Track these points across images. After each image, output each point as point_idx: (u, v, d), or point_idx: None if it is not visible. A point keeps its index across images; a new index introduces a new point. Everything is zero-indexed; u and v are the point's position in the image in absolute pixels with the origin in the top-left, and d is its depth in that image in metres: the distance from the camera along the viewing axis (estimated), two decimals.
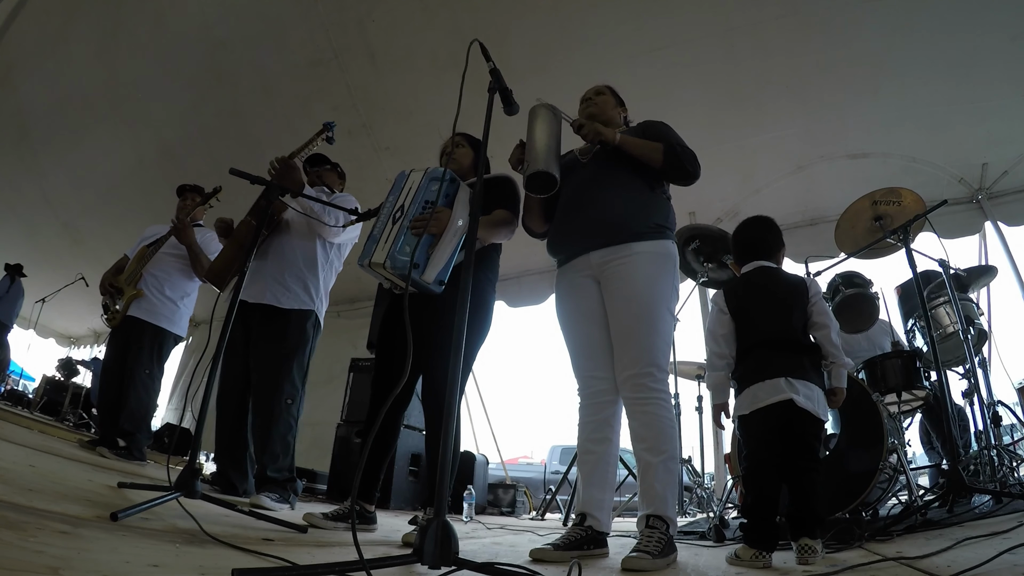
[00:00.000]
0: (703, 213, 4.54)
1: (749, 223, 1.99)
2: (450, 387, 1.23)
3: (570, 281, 1.96)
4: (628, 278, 1.80)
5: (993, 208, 3.99)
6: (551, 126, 1.86)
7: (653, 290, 1.79)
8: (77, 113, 5.08)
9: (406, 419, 3.73)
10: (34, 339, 8.42)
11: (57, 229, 6.42)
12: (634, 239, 1.82)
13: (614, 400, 1.86)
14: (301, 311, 2.61)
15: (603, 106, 2.10)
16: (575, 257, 1.95)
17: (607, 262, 1.85)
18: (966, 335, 2.75)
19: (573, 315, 1.96)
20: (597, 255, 1.87)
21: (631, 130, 2.04)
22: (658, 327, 1.77)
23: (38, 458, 2.07)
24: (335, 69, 4.25)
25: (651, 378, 1.73)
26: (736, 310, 1.82)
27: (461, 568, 1.07)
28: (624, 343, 1.79)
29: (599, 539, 1.74)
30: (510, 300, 5.58)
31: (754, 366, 1.72)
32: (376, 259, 1.87)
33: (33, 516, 1.08)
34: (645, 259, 1.81)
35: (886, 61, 3.53)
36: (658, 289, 1.80)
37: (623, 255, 1.82)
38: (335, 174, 2.99)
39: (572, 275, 1.96)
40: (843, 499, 2.16)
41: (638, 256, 1.81)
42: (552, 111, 1.89)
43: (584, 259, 1.91)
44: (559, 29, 3.76)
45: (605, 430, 1.85)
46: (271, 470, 2.41)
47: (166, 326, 3.31)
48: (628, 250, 1.82)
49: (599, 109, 2.08)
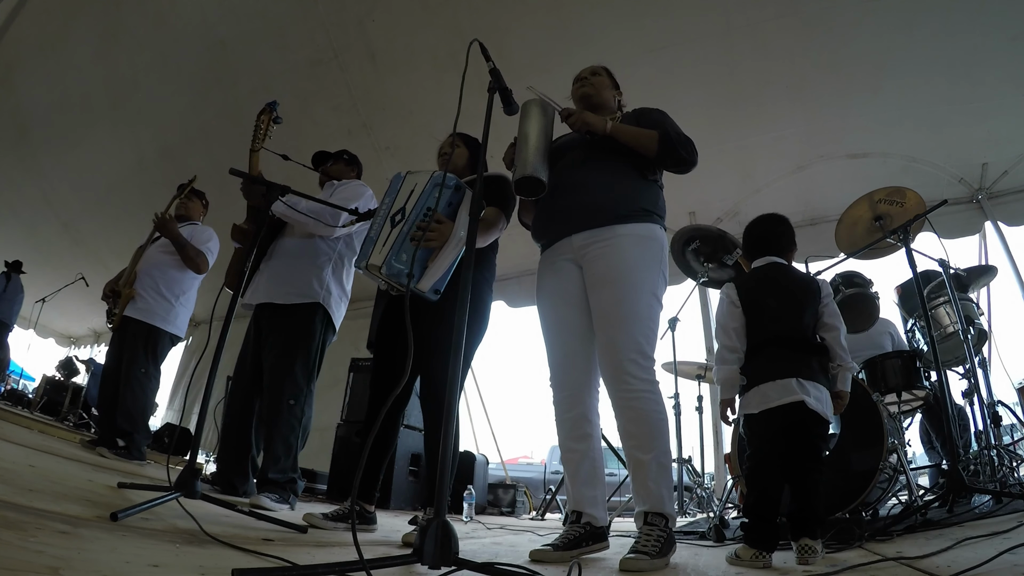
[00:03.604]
0: (703, 213, 4.54)
1: (764, 218, 1.95)
2: (450, 387, 1.23)
3: (551, 264, 1.90)
4: (609, 260, 1.73)
5: (993, 208, 3.99)
6: (541, 124, 1.81)
7: (635, 273, 1.71)
8: (77, 113, 5.08)
9: (406, 419, 3.74)
10: (34, 339, 8.42)
11: (57, 229, 6.42)
12: (618, 221, 1.75)
13: (588, 393, 1.81)
14: (304, 305, 2.56)
15: (598, 86, 2.04)
16: (557, 240, 1.89)
17: (588, 244, 1.78)
18: (966, 335, 2.74)
19: (551, 298, 1.89)
20: (579, 238, 1.80)
21: (626, 116, 1.99)
22: (640, 311, 1.69)
23: (38, 458, 2.07)
24: (335, 69, 4.25)
25: (635, 365, 1.65)
26: (748, 304, 1.79)
27: (461, 568, 1.07)
28: (605, 328, 1.71)
29: (598, 534, 1.72)
30: (510, 300, 5.58)
31: (764, 364, 1.69)
32: (373, 262, 1.86)
33: (33, 516, 1.08)
34: (628, 241, 1.74)
35: (886, 61, 3.53)
36: (641, 272, 1.72)
37: (605, 237, 1.75)
38: (342, 163, 2.90)
39: (553, 258, 1.90)
40: (843, 499, 2.15)
41: (621, 238, 1.74)
42: (542, 106, 1.85)
43: (566, 242, 1.84)
44: (559, 29, 3.76)
45: (583, 426, 1.79)
46: (272, 471, 2.40)
47: (160, 324, 3.28)
48: (611, 232, 1.75)
49: (594, 90, 2.03)
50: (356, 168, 2.97)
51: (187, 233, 3.42)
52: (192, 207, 3.61)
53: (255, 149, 2.45)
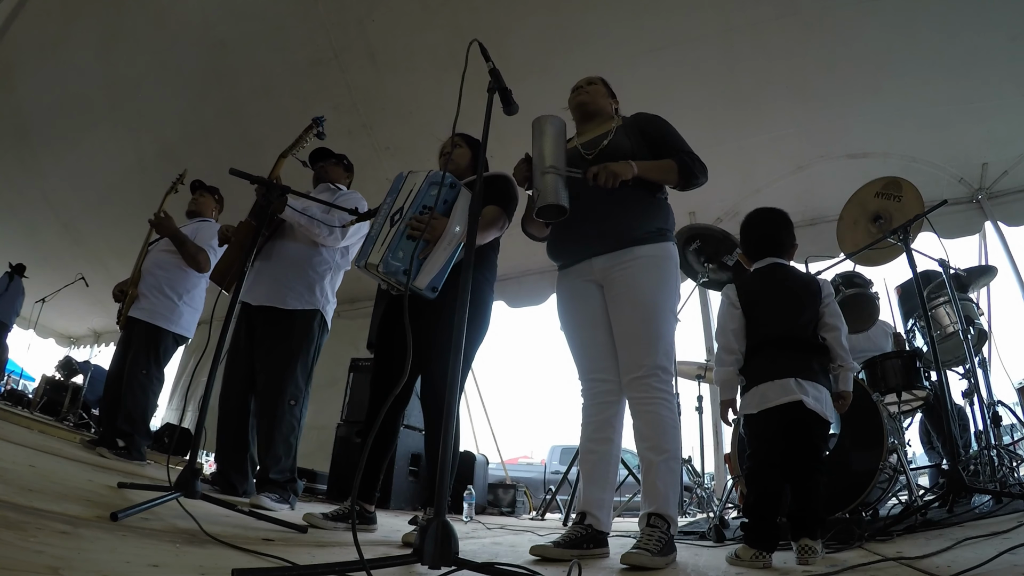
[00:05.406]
0: (703, 213, 4.54)
1: (764, 218, 1.94)
2: (450, 387, 1.23)
3: (572, 285, 1.97)
4: (631, 283, 1.81)
5: (993, 208, 3.99)
6: (557, 144, 1.81)
7: (656, 294, 1.81)
8: (77, 113, 5.08)
9: (406, 419, 3.74)
10: (34, 339, 8.43)
11: (57, 229, 6.42)
12: (636, 243, 1.83)
13: (617, 401, 1.87)
14: (306, 311, 2.60)
15: (594, 95, 2.08)
16: (577, 262, 1.95)
17: (610, 267, 1.85)
18: (966, 335, 2.74)
19: (576, 319, 1.97)
20: (600, 261, 1.88)
21: (625, 122, 2.02)
22: (662, 330, 1.79)
23: (38, 458, 2.07)
24: (335, 69, 4.25)
25: (656, 379, 1.75)
26: (747, 305, 1.80)
27: (461, 568, 1.07)
28: (629, 347, 1.80)
29: (599, 538, 1.74)
30: (510, 300, 5.58)
31: (763, 365, 1.70)
32: (372, 260, 1.87)
33: (33, 516, 1.08)
34: (648, 263, 1.82)
35: (886, 61, 3.53)
36: (661, 293, 1.82)
37: (626, 260, 1.83)
38: (341, 167, 2.94)
39: (574, 280, 1.96)
40: (843, 499, 2.15)
41: (641, 260, 1.82)
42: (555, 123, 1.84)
43: (587, 264, 1.91)
44: (559, 29, 3.76)
45: (607, 430, 1.86)
46: (273, 472, 2.40)
47: (163, 325, 3.25)
48: (630, 255, 1.83)
49: (589, 97, 2.07)
50: (351, 176, 3.02)
51: (192, 229, 3.40)
52: (203, 203, 3.59)
53: (286, 155, 2.54)
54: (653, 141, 1.93)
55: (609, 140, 1.93)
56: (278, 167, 2.51)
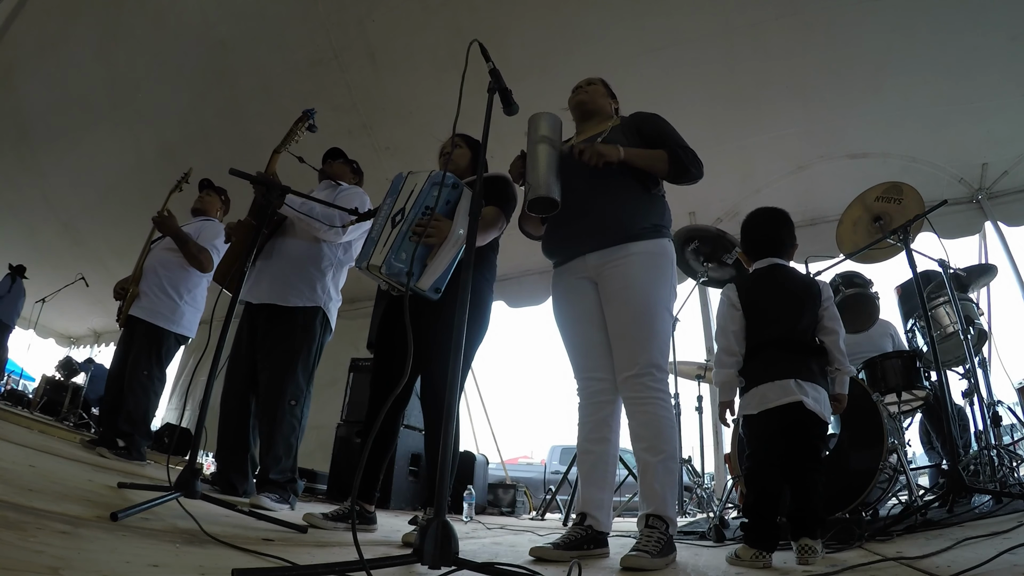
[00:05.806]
0: (703, 213, 4.54)
1: (765, 218, 1.94)
2: (450, 387, 1.23)
3: (567, 283, 1.96)
4: (626, 280, 1.79)
5: (993, 208, 3.99)
6: (551, 139, 1.82)
7: (651, 291, 1.78)
8: (77, 113, 5.08)
9: (406, 419, 3.73)
10: (34, 339, 8.42)
11: (57, 229, 6.42)
12: (630, 239, 1.81)
13: (613, 400, 1.86)
14: (307, 308, 2.58)
15: (593, 94, 2.08)
16: (572, 259, 1.93)
17: (604, 264, 1.83)
18: (966, 335, 2.74)
19: (571, 317, 1.95)
20: (594, 257, 1.85)
21: (624, 121, 2.01)
22: (657, 328, 1.76)
23: (38, 458, 2.07)
24: (335, 69, 4.25)
25: (651, 378, 1.73)
26: (748, 306, 1.80)
27: (461, 568, 1.07)
28: (623, 344, 1.78)
29: (599, 539, 1.74)
30: (510, 300, 5.58)
31: (763, 366, 1.70)
32: (374, 262, 1.87)
33: (33, 516, 1.08)
34: (642, 259, 1.80)
35: (886, 61, 3.53)
36: (656, 290, 1.79)
37: (620, 256, 1.81)
38: (348, 168, 2.94)
39: (568, 277, 1.95)
40: (843, 499, 2.15)
41: (635, 257, 1.80)
42: (549, 119, 1.85)
43: (580, 261, 1.90)
44: (559, 29, 3.76)
45: (603, 430, 1.85)
46: (274, 472, 2.40)
47: (164, 324, 3.24)
48: (625, 251, 1.80)
49: (588, 97, 2.07)
50: (359, 179, 3.00)
51: (195, 228, 3.39)
52: (209, 202, 3.58)
53: (279, 150, 2.51)
54: (649, 138, 1.92)
55: (604, 137, 1.91)
56: (273, 163, 2.50)
